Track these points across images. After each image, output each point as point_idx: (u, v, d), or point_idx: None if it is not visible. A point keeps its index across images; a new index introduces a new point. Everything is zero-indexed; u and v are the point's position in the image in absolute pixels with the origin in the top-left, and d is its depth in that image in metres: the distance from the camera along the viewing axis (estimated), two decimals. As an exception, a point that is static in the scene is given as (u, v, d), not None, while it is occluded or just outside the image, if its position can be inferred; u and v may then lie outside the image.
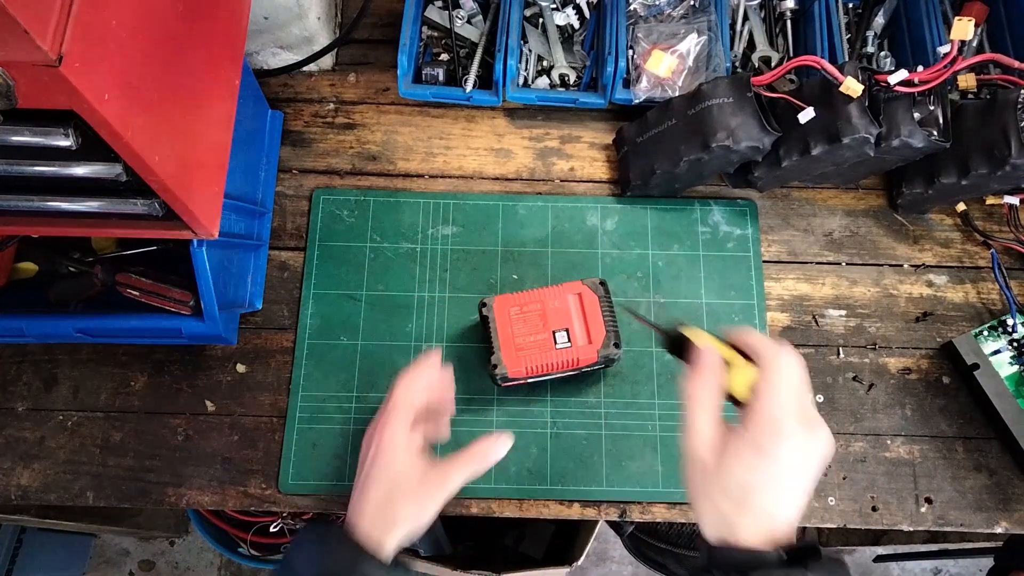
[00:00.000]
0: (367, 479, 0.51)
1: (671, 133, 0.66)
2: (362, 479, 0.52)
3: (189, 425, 0.66)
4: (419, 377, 0.55)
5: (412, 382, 0.54)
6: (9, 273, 0.64)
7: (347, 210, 0.72)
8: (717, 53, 0.69)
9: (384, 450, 0.52)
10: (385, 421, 0.53)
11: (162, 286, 0.60)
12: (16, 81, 0.34)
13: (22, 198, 0.45)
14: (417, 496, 0.51)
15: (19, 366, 0.68)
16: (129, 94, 0.39)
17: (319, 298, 0.69)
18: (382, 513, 0.50)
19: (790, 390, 0.43)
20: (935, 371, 0.68)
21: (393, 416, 0.53)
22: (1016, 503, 0.65)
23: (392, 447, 0.52)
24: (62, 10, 0.32)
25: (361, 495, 0.51)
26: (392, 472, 0.51)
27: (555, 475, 0.64)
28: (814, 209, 0.73)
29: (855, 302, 0.70)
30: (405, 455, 0.52)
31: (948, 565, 1.56)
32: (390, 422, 0.53)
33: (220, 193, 0.54)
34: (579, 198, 0.73)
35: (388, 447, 0.52)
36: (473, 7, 0.75)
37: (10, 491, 0.64)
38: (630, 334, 0.68)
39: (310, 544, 0.49)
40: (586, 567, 1.50)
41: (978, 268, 0.71)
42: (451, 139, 0.75)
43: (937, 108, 0.62)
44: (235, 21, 0.57)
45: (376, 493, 0.50)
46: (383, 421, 0.53)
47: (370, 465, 0.52)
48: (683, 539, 1.02)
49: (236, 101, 0.56)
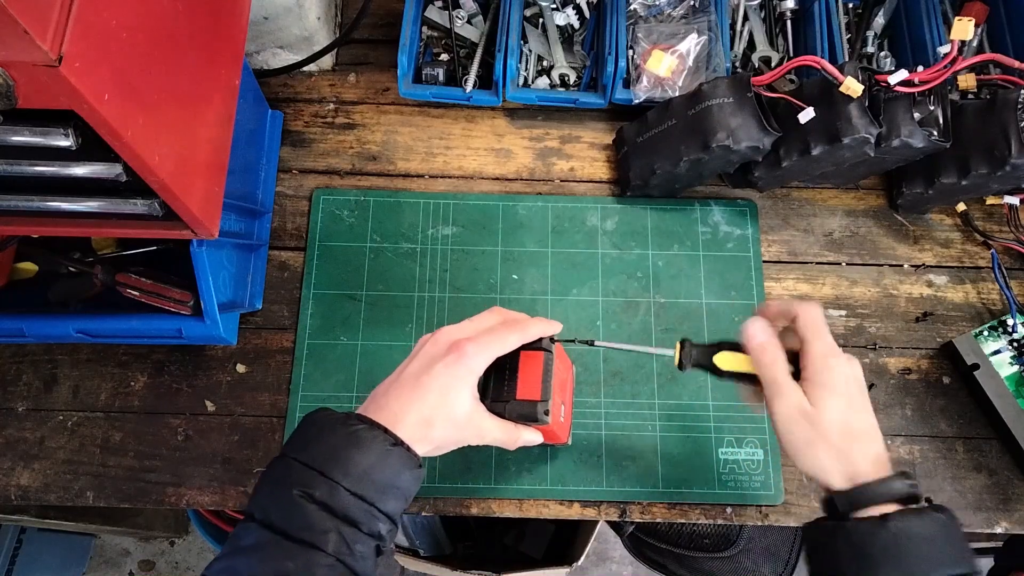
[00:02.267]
0: (421, 388, 0.48)
1: (671, 133, 0.66)
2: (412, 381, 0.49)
3: (189, 425, 0.66)
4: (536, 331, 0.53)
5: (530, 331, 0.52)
6: (9, 273, 0.64)
7: (347, 210, 0.72)
8: (717, 53, 0.69)
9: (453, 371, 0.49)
10: (475, 345, 0.49)
11: (162, 286, 0.60)
12: (16, 81, 0.34)
13: (22, 198, 0.45)
14: (458, 429, 0.49)
15: (19, 366, 0.68)
16: (129, 94, 0.39)
17: (319, 298, 0.69)
18: (423, 424, 0.47)
19: (824, 330, 0.50)
20: (935, 371, 0.68)
21: (486, 349, 0.50)
22: (1016, 503, 0.65)
23: (468, 372, 0.49)
24: (62, 10, 0.32)
25: (411, 399, 0.48)
26: (449, 398, 0.48)
27: (555, 475, 0.64)
28: (814, 209, 0.73)
29: (855, 302, 0.70)
30: (467, 388, 0.49)
31: (948, 565, 1.55)
32: (481, 350, 0.49)
33: (220, 193, 0.54)
34: (579, 198, 0.73)
35: (464, 370, 0.49)
36: (473, 7, 0.75)
37: (10, 491, 0.64)
38: (629, 334, 0.68)
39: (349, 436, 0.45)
40: (586, 567, 1.50)
41: (978, 268, 0.71)
42: (451, 139, 0.75)
43: (937, 108, 0.62)
44: (235, 21, 0.57)
45: (424, 408, 0.48)
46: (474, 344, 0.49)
47: (431, 376, 0.48)
48: (683, 539, 1.02)
49: (236, 101, 0.56)
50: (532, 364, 0.54)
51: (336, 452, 0.44)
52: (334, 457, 0.44)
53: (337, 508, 0.43)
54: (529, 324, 0.53)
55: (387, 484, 0.45)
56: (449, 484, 0.64)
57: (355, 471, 0.44)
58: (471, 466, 0.65)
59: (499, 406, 0.52)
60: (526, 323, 0.53)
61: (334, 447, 0.45)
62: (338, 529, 0.42)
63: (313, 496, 0.43)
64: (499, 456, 0.65)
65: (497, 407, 0.52)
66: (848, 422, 0.47)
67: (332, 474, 0.43)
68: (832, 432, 0.46)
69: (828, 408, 0.47)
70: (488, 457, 0.65)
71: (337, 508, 0.43)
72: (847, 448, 0.46)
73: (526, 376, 0.53)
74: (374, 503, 0.44)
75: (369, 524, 0.44)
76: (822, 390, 0.47)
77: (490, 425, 0.51)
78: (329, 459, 0.44)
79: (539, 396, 0.53)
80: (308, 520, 0.42)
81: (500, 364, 0.53)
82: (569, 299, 0.69)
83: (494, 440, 0.52)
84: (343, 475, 0.43)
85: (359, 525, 0.43)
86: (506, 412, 0.52)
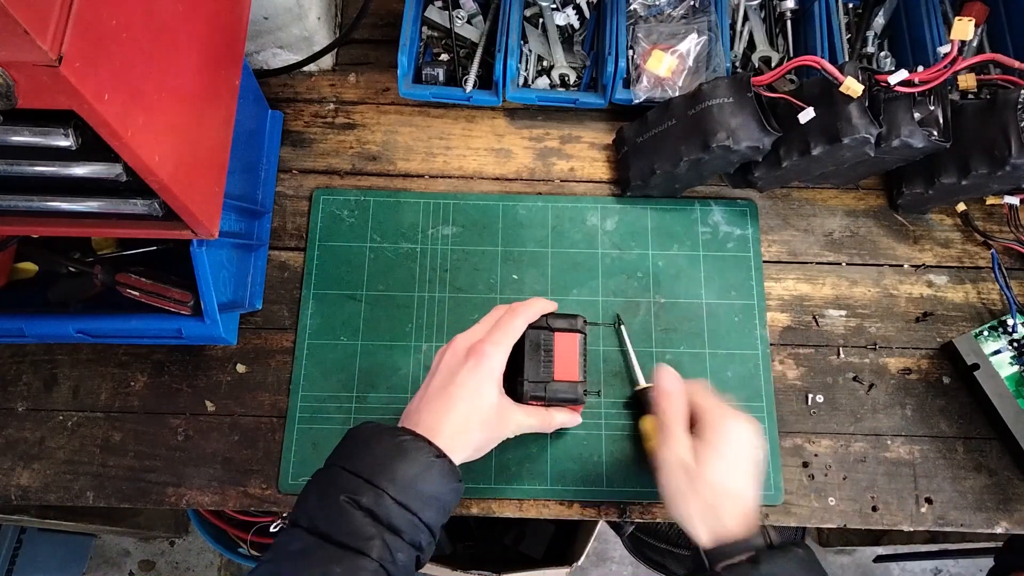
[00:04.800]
0: (449, 397, 0.50)
1: (671, 133, 0.66)
2: (440, 392, 0.50)
3: (189, 425, 0.66)
4: (533, 311, 0.55)
5: (526, 312, 0.54)
6: (9, 273, 0.64)
7: (347, 210, 0.72)
8: (717, 53, 0.69)
9: (476, 375, 0.50)
10: (488, 344, 0.51)
11: (162, 286, 0.60)
12: (16, 81, 0.34)
13: (22, 198, 0.45)
14: (492, 429, 0.51)
15: (19, 366, 0.68)
16: (129, 94, 0.39)
17: (319, 298, 0.69)
18: (459, 433, 0.49)
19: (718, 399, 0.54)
20: (935, 371, 0.68)
21: (499, 344, 0.51)
22: (1016, 503, 0.65)
23: (490, 372, 0.51)
24: (62, 10, 0.32)
25: (444, 411, 0.49)
26: (477, 402, 0.50)
27: (555, 475, 0.64)
28: (814, 209, 0.73)
29: (855, 302, 0.70)
30: (494, 386, 0.51)
31: (948, 565, 1.56)
32: (495, 348, 0.51)
33: (220, 193, 0.54)
34: (579, 198, 0.73)
35: (486, 371, 0.50)
36: (473, 7, 0.75)
37: (10, 491, 0.64)
38: (629, 334, 0.68)
39: (390, 451, 0.46)
40: (586, 567, 1.50)
41: (978, 268, 0.71)
42: (451, 139, 0.75)
43: (937, 108, 0.62)
44: (235, 21, 0.57)
45: (458, 415, 0.49)
46: (488, 343, 0.51)
47: (457, 385, 0.50)
48: (683, 539, 1.02)
49: (236, 101, 0.56)
50: (568, 346, 0.56)
51: (382, 461, 0.45)
52: (380, 466, 0.45)
53: (382, 516, 0.43)
54: (530, 305, 0.55)
55: (430, 495, 0.45)
56: (449, 484, 0.64)
57: (401, 480, 0.44)
58: (471, 466, 0.64)
59: (539, 387, 0.53)
60: (527, 305, 0.55)
61: (380, 456, 0.45)
62: (382, 536, 0.43)
63: (359, 503, 0.43)
64: (499, 456, 0.65)
65: (538, 388, 0.53)
66: (724, 483, 0.49)
67: (378, 482, 0.44)
68: (705, 490, 0.49)
69: (708, 468, 0.49)
70: (488, 457, 0.64)
71: (382, 516, 0.43)
72: (717, 505, 0.48)
73: (562, 358, 0.55)
74: (417, 513, 0.45)
75: (412, 533, 0.44)
76: (707, 449, 0.50)
77: (521, 416, 0.53)
78: (375, 468, 0.45)
79: (577, 377, 0.55)
80: (354, 526, 0.43)
81: (535, 345, 0.55)
82: (569, 299, 0.69)
83: (530, 427, 0.53)
84: (389, 483, 0.44)
85: (402, 534, 0.44)
86: (546, 393, 0.53)
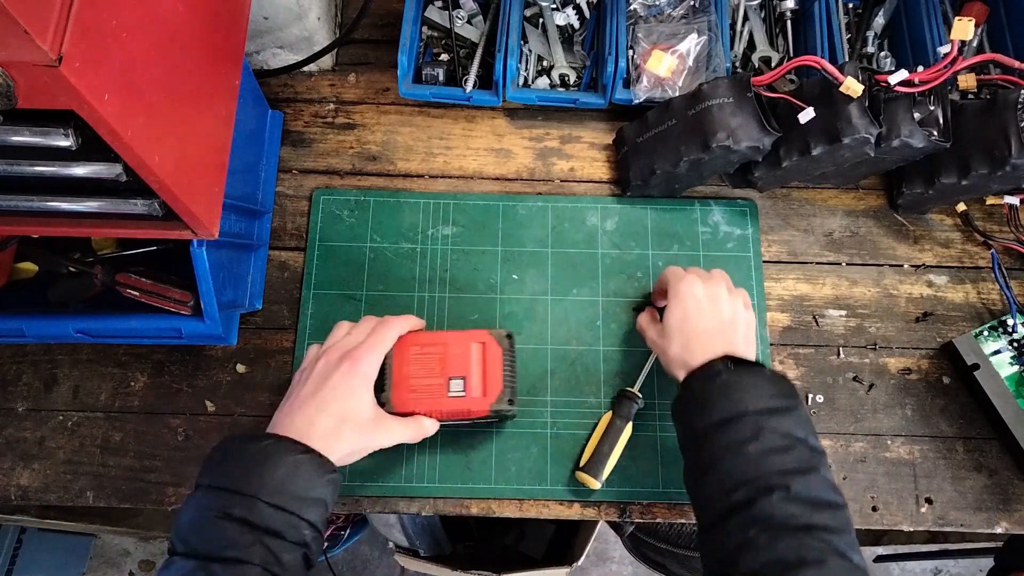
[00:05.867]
0: (322, 401, 0.51)
1: (671, 133, 0.66)
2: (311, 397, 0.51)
3: (189, 425, 0.66)
4: (404, 324, 0.57)
5: (399, 324, 0.56)
6: (9, 273, 0.64)
7: (347, 210, 0.72)
8: (717, 53, 0.69)
9: (350, 379, 0.52)
10: (363, 350, 0.53)
11: (162, 286, 0.60)
12: (16, 81, 0.34)
13: (22, 198, 0.45)
14: (365, 433, 0.52)
15: (19, 366, 0.68)
16: (129, 94, 0.39)
17: (319, 298, 0.69)
18: (331, 434, 0.50)
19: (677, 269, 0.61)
20: (935, 371, 0.68)
21: (373, 350, 0.53)
22: (1016, 503, 0.65)
23: (363, 377, 0.52)
24: (62, 10, 0.32)
25: (315, 413, 0.50)
26: (351, 404, 0.51)
27: (555, 475, 0.64)
28: (814, 209, 0.73)
29: (855, 302, 0.70)
30: (367, 391, 0.53)
31: (948, 565, 1.56)
32: (369, 354, 0.53)
33: (220, 193, 0.54)
34: (579, 198, 0.73)
35: (360, 375, 0.52)
36: (473, 7, 0.75)
37: (10, 491, 0.64)
38: (630, 334, 0.68)
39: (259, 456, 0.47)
40: (586, 567, 1.50)
41: (978, 268, 0.71)
42: (451, 139, 0.75)
43: (937, 108, 0.62)
44: (235, 21, 0.57)
45: (328, 419, 0.50)
46: (363, 350, 0.53)
47: (329, 388, 0.51)
48: (683, 539, 1.02)
49: (236, 101, 0.56)
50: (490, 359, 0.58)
51: (248, 470, 0.45)
52: (247, 474, 0.45)
53: (258, 521, 0.44)
54: (403, 319, 0.58)
55: (304, 493, 0.46)
56: (449, 484, 0.64)
57: (271, 484, 0.45)
58: (471, 466, 0.65)
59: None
60: (400, 318, 0.58)
61: (245, 465, 0.46)
62: (262, 541, 0.43)
63: (232, 514, 0.43)
64: (499, 456, 0.65)
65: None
66: (687, 321, 0.56)
67: (248, 490, 0.44)
68: (672, 331, 0.57)
69: (669, 315, 0.57)
70: (488, 456, 0.65)
71: (258, 521, 0.44)
72: (686, 342, 0.56)
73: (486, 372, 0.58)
74: (296, 512, 0.45)
75: (292, 533, 0.45)
76: (669, 303, 0.58)
77: (395, 424, 0.54)
78: (242, 477, 0.45)
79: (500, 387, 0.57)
80: (231, 538, 0.43)
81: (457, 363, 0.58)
82: (569, 299, 0.69)
83: (402, 437, 0.55)
84: (259, 489, 0.44)
85: (283, 535, 0.44)
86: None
